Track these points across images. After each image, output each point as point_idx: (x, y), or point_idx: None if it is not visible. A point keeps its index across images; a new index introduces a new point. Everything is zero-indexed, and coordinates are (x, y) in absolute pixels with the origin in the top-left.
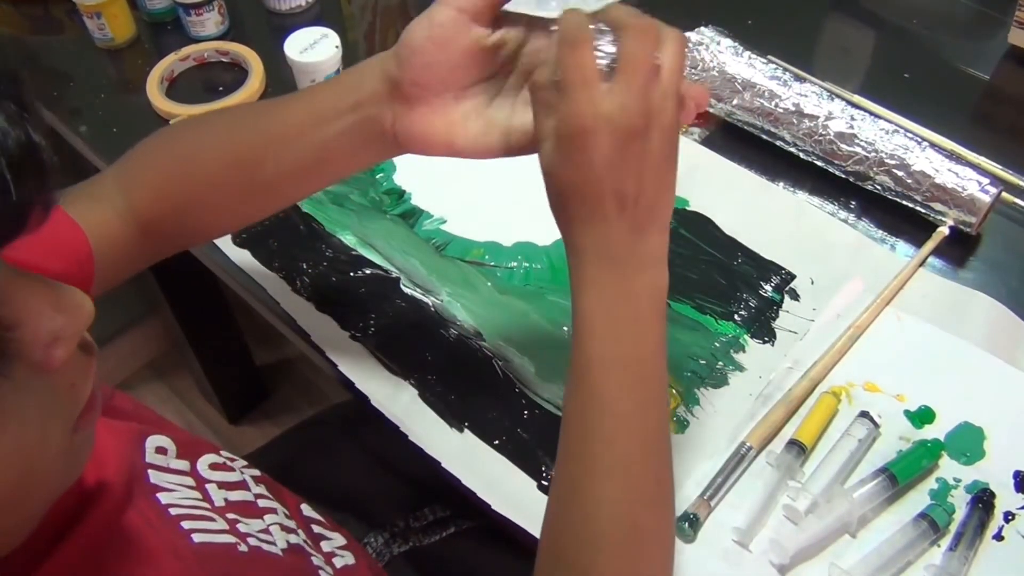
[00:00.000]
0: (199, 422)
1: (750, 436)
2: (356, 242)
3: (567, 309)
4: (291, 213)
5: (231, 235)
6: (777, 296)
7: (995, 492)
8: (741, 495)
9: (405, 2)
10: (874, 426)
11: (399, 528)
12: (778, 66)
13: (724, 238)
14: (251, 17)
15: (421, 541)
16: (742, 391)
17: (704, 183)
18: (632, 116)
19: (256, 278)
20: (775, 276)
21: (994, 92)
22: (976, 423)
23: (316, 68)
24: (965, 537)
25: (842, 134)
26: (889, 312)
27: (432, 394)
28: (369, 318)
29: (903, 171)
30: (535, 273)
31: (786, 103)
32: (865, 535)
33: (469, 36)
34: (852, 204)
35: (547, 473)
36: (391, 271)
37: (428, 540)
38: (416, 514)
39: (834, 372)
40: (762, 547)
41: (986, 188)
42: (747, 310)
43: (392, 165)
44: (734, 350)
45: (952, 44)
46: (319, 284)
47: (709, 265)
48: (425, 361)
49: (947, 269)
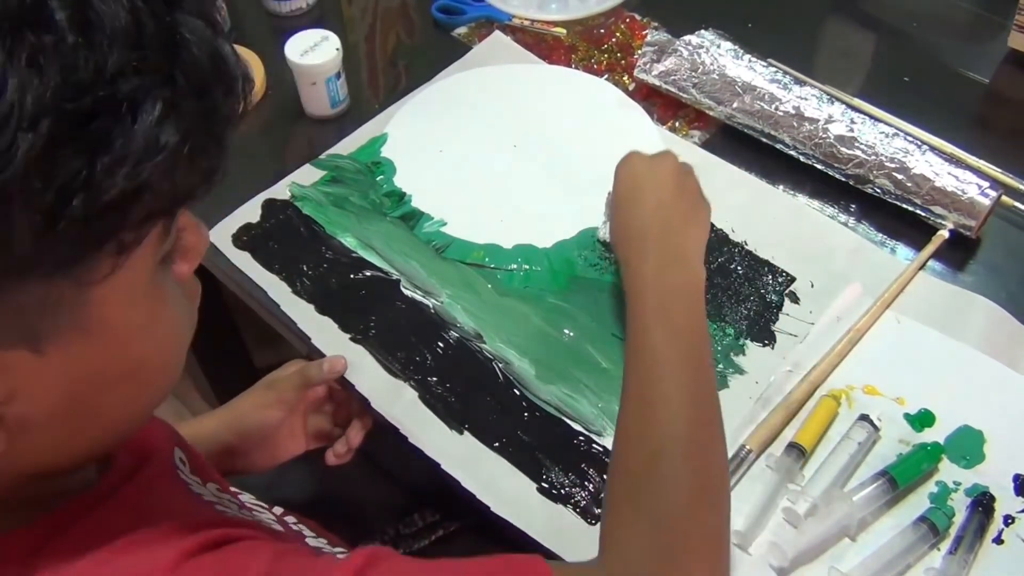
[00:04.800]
0: None
1: (750, 439)
2: (356, 244)
3: (567, 311)
4: (292, 215)
5: (232, 237)
6: (777, 298)
7: (995, 495)
8: (741, 498)
9: (405, 4)
10: (874, 429)
11: (389, 536)
12: (778, 69)
13: (724, 240)
14: (251, 19)
15: (411, 547)
16: (742, 394)
17: (704, 186)
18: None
19: (257, 281)
20: (774, 278)
21: (994, 95)
22: (976, 426)
23: (317, 70)
24: (965, 540)
25: (842, 137)
26: (889, 315)
27: (432, 396)
28: (370, 320)
29: (903, 174)
30: (535, 275)
31: (786, 106)
32: (865, 538)
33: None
34: (852, 207)
35: (546, 475)
36: (391, 273)
37: (418, 545)
38: (406, 520)
39: (834, 375)
40: (762, 550)
41: (986, 191)
42: (747, 312)
43: (393, 167)
44: (734, 353)
45: (952, 47)
46: (319, 286)
47: (709, 270)
48: (425, 363)
49: (947, 272)
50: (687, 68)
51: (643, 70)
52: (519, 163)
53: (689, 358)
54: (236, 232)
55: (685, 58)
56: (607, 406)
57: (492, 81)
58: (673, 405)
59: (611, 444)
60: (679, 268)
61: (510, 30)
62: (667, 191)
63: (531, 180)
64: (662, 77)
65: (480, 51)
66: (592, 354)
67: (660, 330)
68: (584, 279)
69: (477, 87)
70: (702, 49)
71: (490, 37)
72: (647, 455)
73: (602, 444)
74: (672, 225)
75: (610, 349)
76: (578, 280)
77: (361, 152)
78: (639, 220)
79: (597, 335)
